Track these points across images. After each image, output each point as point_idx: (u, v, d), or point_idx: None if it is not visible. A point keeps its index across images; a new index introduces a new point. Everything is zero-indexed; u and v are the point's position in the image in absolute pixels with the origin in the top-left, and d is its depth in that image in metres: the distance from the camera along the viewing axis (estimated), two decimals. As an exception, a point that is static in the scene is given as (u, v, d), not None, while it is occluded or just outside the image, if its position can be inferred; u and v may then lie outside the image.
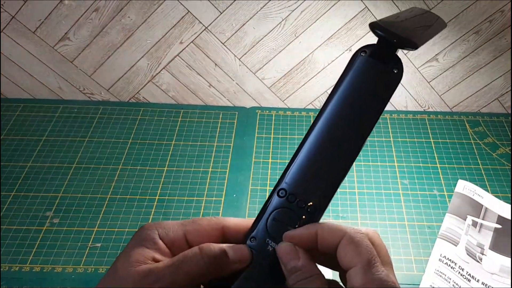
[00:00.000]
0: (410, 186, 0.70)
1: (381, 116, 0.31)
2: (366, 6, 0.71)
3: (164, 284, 0.27)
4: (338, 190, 0.70)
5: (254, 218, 0.31)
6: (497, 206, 0.67)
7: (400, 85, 0.79)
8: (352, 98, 0.30)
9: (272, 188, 0.31)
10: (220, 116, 0.82)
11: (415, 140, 0.78)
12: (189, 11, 0.72)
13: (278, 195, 0.30)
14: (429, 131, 0.80)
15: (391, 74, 0.30)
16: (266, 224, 0.30)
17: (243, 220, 0.31)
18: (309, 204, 0.30)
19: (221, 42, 0.76)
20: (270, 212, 0.30)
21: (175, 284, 0.27)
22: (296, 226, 0.30)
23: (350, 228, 0.28)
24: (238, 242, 0.30)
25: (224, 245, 0.29)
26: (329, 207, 0.72)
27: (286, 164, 0.31)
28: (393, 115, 0.82)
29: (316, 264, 0.29)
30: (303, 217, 0.30)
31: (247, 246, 0.30)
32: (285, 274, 0.28)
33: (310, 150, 0.30)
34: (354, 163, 0.30)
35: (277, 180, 0.30)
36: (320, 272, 0.28)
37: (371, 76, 0.30)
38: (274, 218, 0.30)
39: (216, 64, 0.79)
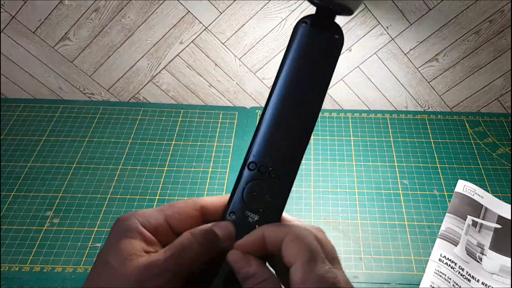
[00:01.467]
0: (410, 186, 0.70)
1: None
2: (366, 6, 0.71)
3: (168, 277, 0.26)
4: (338, 190, 0.70)
5: (228, 195, 0.32)
6: (497, 206, 0.67)
7: (400, 85, 0.80)
8: (300, 67, 0.31)
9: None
10: (220, 116, 0.82)
11: (415, 140, 0.78)
12: (189, 11, 0.72)
13: (248, 168, 0.31)
14: (429, 131, 0.80)
15: (333, 40, 0.31)
16: (242, 197, 0.31)
17: (219, 198, 0.32)
18: (280, 171, 0.31)
19: (221, 42, 0.76)
20: (243, 186, 0.31)
21: (178, 274, 0.27)
22: (273, 194, 0.31)
23: (294, 226, 0.28)
24: (218, 217, 0.31)
25: (209, 225, 0.30)
26: (329, 207, 0.72)
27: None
28: (393, 115, 0.82)
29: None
30: (278, 183, 0.31)
31: (228, 221, 0.31)
32: (239, 280, 0.29)
33: (270, 122, 0.31)
34: (314, 129, 0.31)
35: (244, 155, 0.32)
36: (273, 274, 0.29)
37: (315, 44, 0.31)
38: (250, 191, 0.31)
39: (216, 64, 0.79)
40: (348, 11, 0.31)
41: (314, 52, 0.31)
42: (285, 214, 0.31)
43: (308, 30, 0.31)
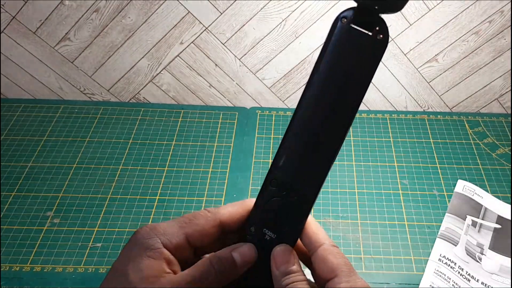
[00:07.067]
0: (409, 186, 0.70)
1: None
2: (366, 7, 0.71)
3: None
4: (338, 190, 0.70)
5: (245, 202, 0.31)
6: (497, 206, 0.67)
7: (399, 85, 0.80)
8: (336, 73, 0.28)
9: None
10: (220, 116, 0.82)
11: (415, 140, 0.78)
12: (189, 11, 0.73)
13: (270, 184, 0.30)
14: (428, 131, 0.80)
15: (376, 41, 0.27)
16: (262, 214, 0.30)
17: (236, 209, 0.31)
18: (301, 193, 0.29)
19: (221, 43, 0.76)
20: (265, 202, 0.30)
21: None
22: (291, 215, 0.30)
23: (321, 238, 0.29)
24: (235, 230, 0.31)
25: (229, 250, 0.30)
26: (329, 207, 0.72)
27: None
28: (393, 115, 0.82)
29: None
30: (297, 205, 0.29)
31: (251, 244, 0.30)
32: (274, 275, 0.29)
33: (298, 136, 0.29)
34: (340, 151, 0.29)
35: (269, 168, 0.30)
36: (307, 279, 0.29)
37: (354, 46, 0.27)
38: (269, 209, 0.30)
39: (216, 65, 0.79)
40: (394, 9, 0.26)
41: (352, 57, 0.27)
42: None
43: (347, 29, 0.27)
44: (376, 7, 0.26)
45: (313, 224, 0.30)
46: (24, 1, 0.72)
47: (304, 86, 0.29)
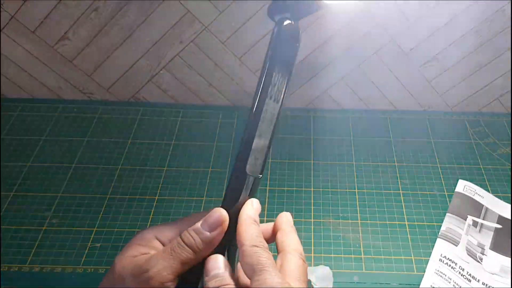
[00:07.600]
0: (410, 186, 0.70)
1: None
2: (366, 6, 0.70)
3: (160, 269, 0.29)
4: (338, 190, 0.69)
5: None
6: (498, 206, 0.66)
7: (400, 84, 0.79)
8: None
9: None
10: (220, 116, 0.82)
11: (416, 140, 0.78)
12: (188, 10, 0.72)
13: None
14: (429, 131, 0.80)
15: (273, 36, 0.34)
16: None
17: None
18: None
19: (221, 42, 0.76)
20: None
21: (170, 269, 0.30)
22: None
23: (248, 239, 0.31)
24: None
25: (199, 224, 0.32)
26: (329, 207, 0.71)
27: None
28: (393, 114, 0.82)
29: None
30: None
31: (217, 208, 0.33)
32: (205, 279, 0.31)
33: None
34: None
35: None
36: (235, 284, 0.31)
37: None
38: None
39: (216, 64, 0.79)
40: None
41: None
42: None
43: None
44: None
45: (241, 226, 0.32)
46: (23, 0, 0.71)
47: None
